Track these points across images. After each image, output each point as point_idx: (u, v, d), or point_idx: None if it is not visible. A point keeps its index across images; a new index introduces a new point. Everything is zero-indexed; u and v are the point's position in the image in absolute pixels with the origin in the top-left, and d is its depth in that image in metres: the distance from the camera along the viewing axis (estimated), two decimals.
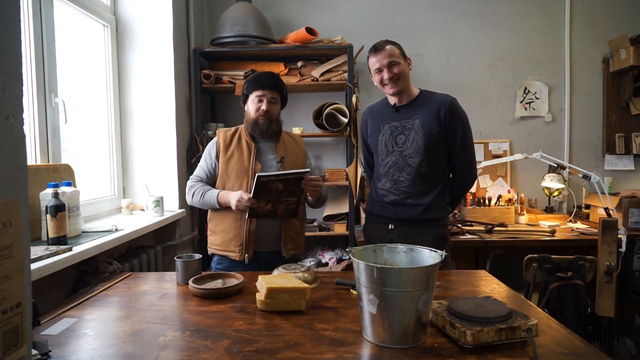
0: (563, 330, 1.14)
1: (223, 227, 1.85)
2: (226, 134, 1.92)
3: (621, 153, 3.24)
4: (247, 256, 1.81)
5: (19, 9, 0.58)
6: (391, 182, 1.89)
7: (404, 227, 1.87)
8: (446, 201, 1.91)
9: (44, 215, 1.56)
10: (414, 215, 1.85)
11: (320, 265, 2.94)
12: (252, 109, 1.85)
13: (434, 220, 1.85)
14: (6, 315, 0.56)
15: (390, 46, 1.82)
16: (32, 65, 1.82)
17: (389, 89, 1.85)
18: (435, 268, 1.06)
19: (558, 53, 3.27)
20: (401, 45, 1.87)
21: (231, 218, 1.81)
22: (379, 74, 1.84)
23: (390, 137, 1.89)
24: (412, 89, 1.90)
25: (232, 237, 1.82)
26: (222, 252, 1.85)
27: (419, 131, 1.83)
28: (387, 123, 1.91)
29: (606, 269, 2.29)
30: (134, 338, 1.11)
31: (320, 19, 3.25)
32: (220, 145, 1.88)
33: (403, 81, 1.84)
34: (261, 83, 1.84)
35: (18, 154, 0.57)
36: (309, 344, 1.07)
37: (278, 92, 1.87)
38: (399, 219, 1.88)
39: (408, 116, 1.87)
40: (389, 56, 1.80)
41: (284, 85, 1.91)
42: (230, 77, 2.90)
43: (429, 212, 1.84)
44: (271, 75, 1.89)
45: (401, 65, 1.82)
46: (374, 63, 1.84)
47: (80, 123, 2.29)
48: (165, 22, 2.59)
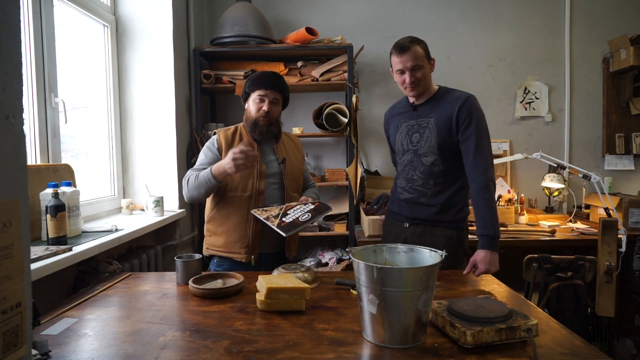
0: (563, 330, 1.14)
1: (226, 228, 1.80)
2: (226, 132, 1.87)
3: (621, 153, 3.24)
4: (253, 257, 1.79)
5: (19, 9, 0.58)
6: (406, 181, 1.88)
7: (418, 226, 1.86)
8: (463, 203, 1.85)
9: (44, 215, 1.56)
10: (428, 215, 1.82)
11: (320, 265, 2.94)
12: (253, 109, 1.81)
13: (448, 222, 1.81)
14: (6, 315, 0.56)
15: (415, 46, 1.75)
16: (32, 65, 1.82)
17: (409, 91, 1.81)
18: (435, 268, 1.06)
19: (558, 53, 3.27)
20: (426, 44, 1.81)
21: (236, 219, 1.78)
22: (401, 75, 1.79)
23: (406, 136, 1.87)
24: (432, 88, 1.85)
25: (237, 238, 1.78)
26: (225, 253, 1.81)
27: (433, 130, 1.79)
28: (404, 121, 1.89)
29: (606, 269, 2.29)
30: (134, 338, 1.11)
31: (320, 19, 3.25)
32: (222, 144, 1.82)
33: (423, 85, 1.79)
34: (264, 83, 1.81)
35: (18, 154, 0.57)
36: (309, 344, 1.07)
37: (280, 93, 1.84)
38: (413, 218, 1.87)
39: (424, 114, 1.83)
40: (413, 59, 1.74)
41: (287, 87, 1.88)
42: (230, 77, 2.90)
43: (443, 213, 1.80)
44: (274, 76, 1.86)
45: (424, 69, 1.77)
46: (396, 63, 1.77)
47: (80, 123, 2.29)
48: (165, 22, 2.58)
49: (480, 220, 1.69)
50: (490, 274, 1.65)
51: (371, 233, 2.63)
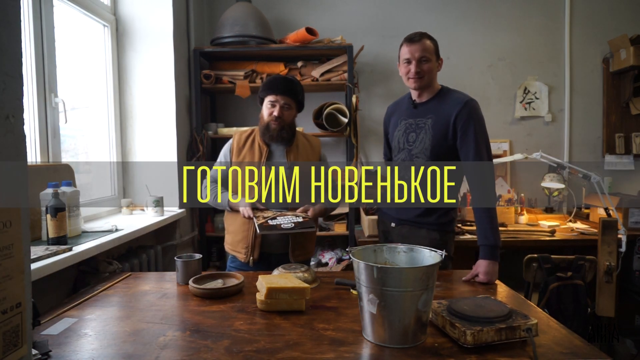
0: (563, 330, 1.14)
1: (234, 228, 1.88)
2: (241, 135, 1.93)
3: (621, 153, 3.23)
4: (252, 259, 1.82)
5: (19, 9, 0.58)
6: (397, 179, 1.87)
7: (403, 227, 1.86)
8: (450, 206, 1.82)
9: (44, 215, 1.56)
10: (413, 216, 1.82)
11: (320, 265, 2.94)
12: (265, 113, 1.84)
13: (432, 224, 1.80)
14: (6, 315, 0.56)
15: (426, 40, 1.75)
16: (32, 65, 1.82)
17: (411, 82, 1.78)
18: (435, 268, 1.06)
19: (558, 53, 3.27)
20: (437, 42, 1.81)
21: (241, 220, 1.82)
22: (407, 65, 1.76)
23: (404, 134, 1.85)
24: (435, 87, 1.83)
25: (240, 238, 1.85)
26: (232, 251, 1.90)
27: (429, 131, 1.77)
28: (404, 119, 1.87)
29: (606, 269, 2.29)
30: (134, 338, 1.11)
31: (320, 19, 3.25)
32: (234, 147, 1.90)
33: (427, 79, 1.77)
34: (274, 88, 1.82)
35: (18, 154, 0.57)
36: (309, 343, 1.07)
37: (292, 98, 1.83)
38: (399, 218, 1.87)
39: (423, 114, 1.81)
40: (422, 50, 1.73)
41: (300, 90, 1.87)
42: (230, 77, 2.90)
43: (427, 215, 1.79)
44: (285, 81, 1.85)
45: (431, 63, 1.75)
46: (405, 53, 1.76)
47: (80, 123, 2.29)
48: (165, 22, 2.59)
49: (481, 230, 1.64)
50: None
51: (371, 233, 2.63)
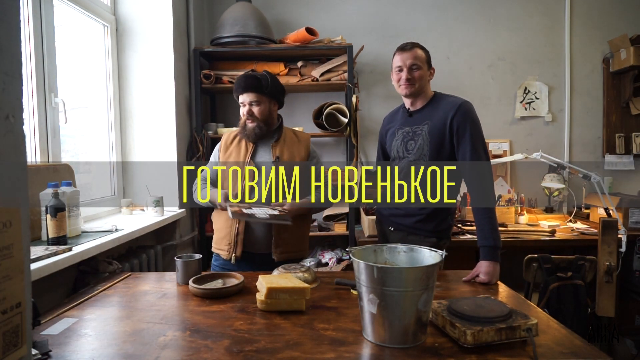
0: (563, 330, 1.14)
1: (219, 226, 1.90)
2: (230, 134, 1.97)
3: (621, 153, 3.23)
4: (235, 256, 1.81)
5: (19, 9, 0.58)
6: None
7: (400, 232, 1.88)
8: (448, 213, 1.84)
9: (44, 215, 1.56)
10: (412, 223, 1.84)
11: (320, 265, 2.94)
12: (241, 113, 1.88)
13: (429, 231, 1.81)
14: (6, 315, 0.56)
15: (418, 49, 1.79)
16: (32, 65, 1.82)
17: (403, 88, 1.80)
18: (435, 268, 1.06)
19: (558, 53, 3.27)
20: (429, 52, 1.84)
21: (225, 217, 1.83)
22: (399, 72, 1.80)
23: (402, 143, 1.87)
24: (428, 94, 1.85)
25: (223, 235, 1.86)
26: (216, 249, 1.91)
27: (426, 137, 1.78)
28: (400, 128, 1.89)
29: (606, 269, 2.29)
30: (134, 338, 1.11)
31: (320, 19, 3.25)
32: (222, 146, 1.95)
33: (419, 86, 1.79)
34: (237, 88, 1.84)
35: (18, 154, 0.57)
36: (309, 343, 1.07)
37: (257, 93, 1.81)
38: (397, 223, 1.90)
39: (419, 121, 1.83)
40: (413, 58, 1.77)
41: (268, 84, 1.82)
42: (230, 77, 2.90)
43: (426, 222, 1.81)
44: (247, 78, 1.82)
45: (422, 70, 1.78)
46: (397, 61, 1.80)
47: (80, 123, 2.29)
48: (165, 22, 2.58)
49: (480, 231, 1.65)
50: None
51: (371, 233, 2.63)
